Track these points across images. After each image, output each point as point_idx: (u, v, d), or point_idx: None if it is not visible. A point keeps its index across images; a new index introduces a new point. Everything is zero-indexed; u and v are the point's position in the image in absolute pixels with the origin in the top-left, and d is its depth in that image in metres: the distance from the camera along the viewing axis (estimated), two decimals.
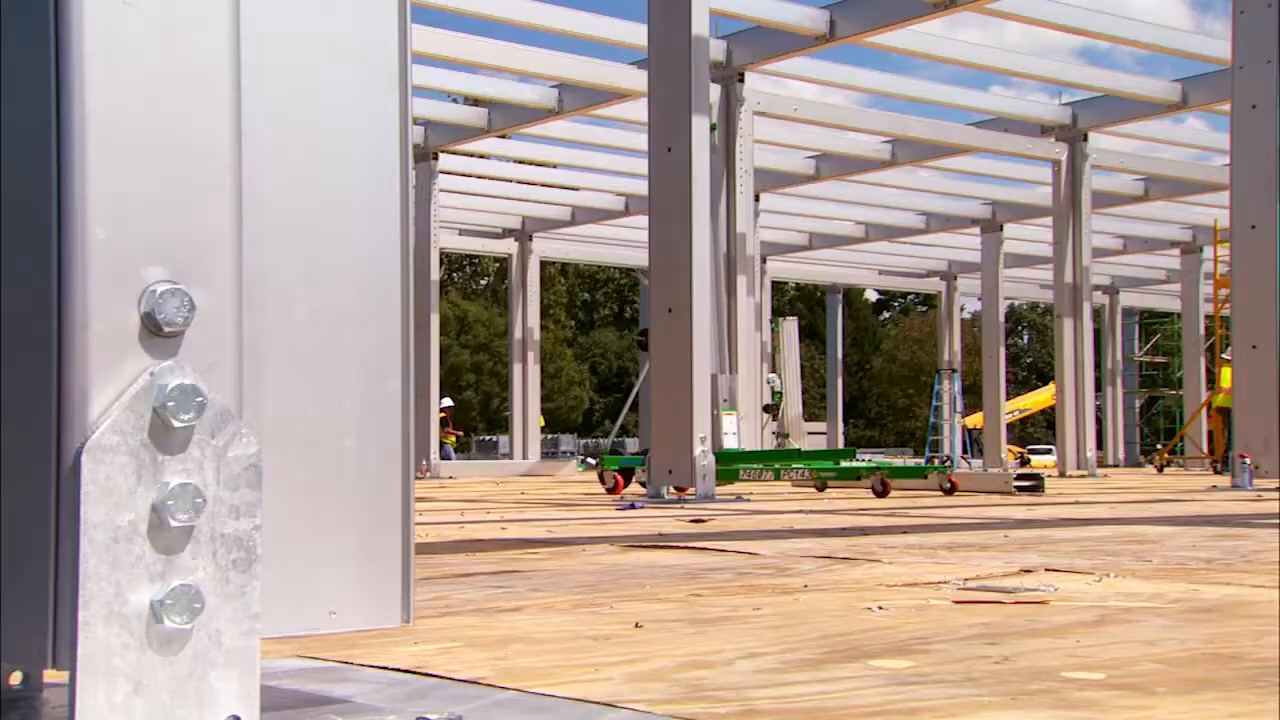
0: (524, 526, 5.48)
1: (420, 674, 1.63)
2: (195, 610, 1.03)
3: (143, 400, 1.02)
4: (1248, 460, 10.19)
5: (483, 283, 52.16)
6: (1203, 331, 24.62)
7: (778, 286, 39.72)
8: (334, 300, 1.22)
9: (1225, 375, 16.84)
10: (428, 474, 17.25)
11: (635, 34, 13.28)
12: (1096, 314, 24.26)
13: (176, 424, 1.03)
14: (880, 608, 2.37)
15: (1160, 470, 20.76)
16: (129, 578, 1.01)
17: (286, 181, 1.19)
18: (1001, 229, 21.97)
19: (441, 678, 1.61)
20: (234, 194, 1.13)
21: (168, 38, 1.08)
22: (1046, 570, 3.12)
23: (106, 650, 0.99)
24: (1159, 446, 28.25)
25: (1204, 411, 21.46)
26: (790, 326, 28.78)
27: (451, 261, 48.34)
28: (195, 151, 1.10)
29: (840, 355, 29.79)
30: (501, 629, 2.13)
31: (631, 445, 24.93)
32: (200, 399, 1.04)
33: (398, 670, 1.65)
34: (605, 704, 1.44)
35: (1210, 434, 20.97)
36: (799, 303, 51.54)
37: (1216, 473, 15.81)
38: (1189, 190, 20.33)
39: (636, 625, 2.15)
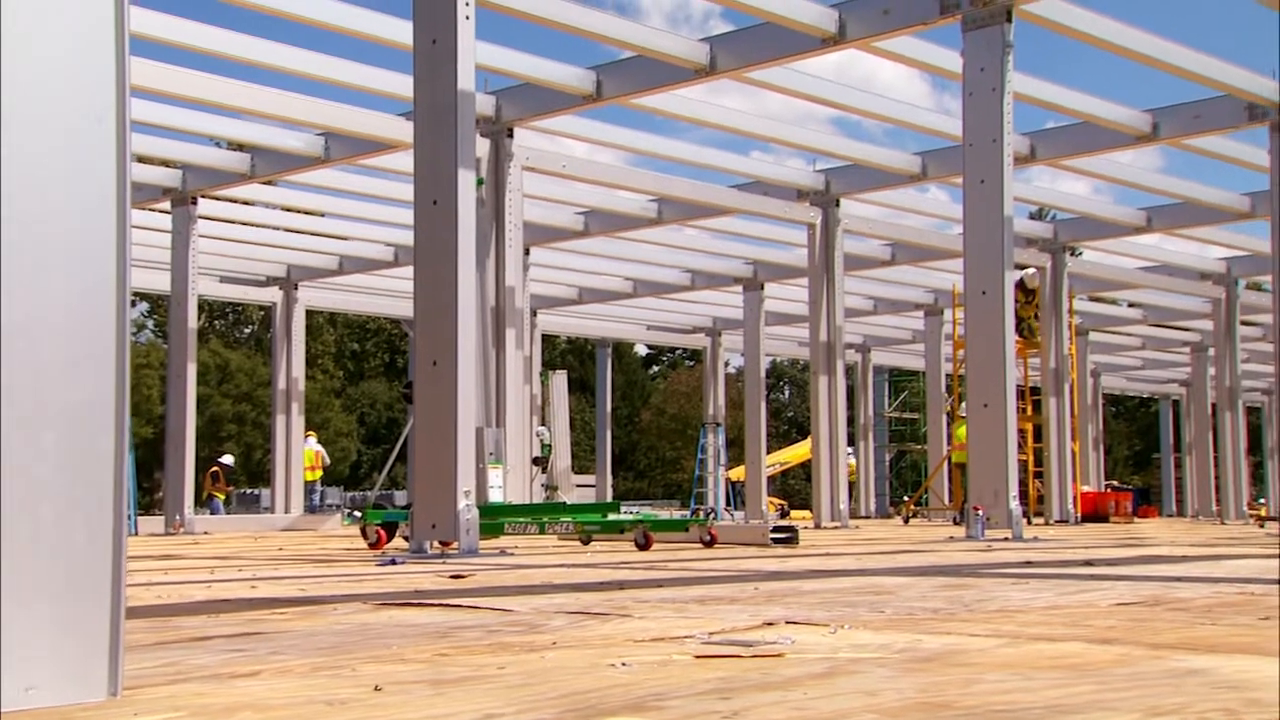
0: (276, 585, 5.28)
1: None
2: None
3: None
4: (980, 512, 10.87)
5: (246, 331, 50.28)
6: (944, 389, 26.16)
7: (548, 340, 39.91)
8: (33, 354, 1.16)
9: (961, 431, 17.93)
10: (181, 529, 16.39)
11: (403, 85, 13.21)
12: (850, 371, 25.48)
13: None
14: (624, 664, 2.41)
15: (906, 521, 21.85)
16: None
17: None
18: (763, 288, 22.82)
19: None
20: None
21: None
22: (787, 623, 3.23)
23: None
24: (905, 499, 29.78)
25: (945, 465, 22.75)
26: (560, 380, 28.97)
27: (213, 309, 46.44)
28: None
29: (609, 408, 30.16)
30: (233, 696, 2.05)
31: (401, 498, 24.41)
32: None
33: None
34: None
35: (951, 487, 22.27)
36: (570, 356, 51.94)
37: (955, 524, 16.77)
38: (931, 256, 21.67)
39: (376, 688, 2.11)
